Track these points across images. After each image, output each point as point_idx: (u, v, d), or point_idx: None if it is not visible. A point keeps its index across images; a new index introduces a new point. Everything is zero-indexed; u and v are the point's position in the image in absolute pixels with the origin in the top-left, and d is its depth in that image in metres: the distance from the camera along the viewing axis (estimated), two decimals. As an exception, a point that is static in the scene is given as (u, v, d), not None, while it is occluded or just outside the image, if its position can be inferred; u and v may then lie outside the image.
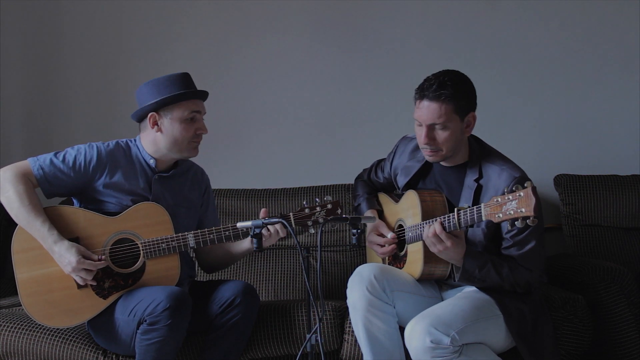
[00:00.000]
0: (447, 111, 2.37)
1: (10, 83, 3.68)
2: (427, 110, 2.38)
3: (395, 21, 3.65)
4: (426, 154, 2.46)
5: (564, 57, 3.61)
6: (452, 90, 2.36)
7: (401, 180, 2.67)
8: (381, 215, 2.75)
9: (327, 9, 3.68)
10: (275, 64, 3.69)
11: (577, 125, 3.61)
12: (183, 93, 2.51)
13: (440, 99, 2.36)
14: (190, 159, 2.74)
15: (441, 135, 2.40)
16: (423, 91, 2.39)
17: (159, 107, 2.52)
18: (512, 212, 2.05)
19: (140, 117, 2.58)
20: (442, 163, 2.54)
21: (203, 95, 2.59)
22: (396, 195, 2.72)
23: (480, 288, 2.40)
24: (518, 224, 2.04)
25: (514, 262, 2.38)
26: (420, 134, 2.42)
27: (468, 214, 2.21)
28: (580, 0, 3.60)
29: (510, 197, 2.06)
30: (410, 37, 3.65)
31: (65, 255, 2.40)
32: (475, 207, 2.19)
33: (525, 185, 2.03)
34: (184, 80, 2.55)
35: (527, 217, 2.01)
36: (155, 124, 2.54)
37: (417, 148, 2.65)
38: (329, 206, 2.53)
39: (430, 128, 2.39)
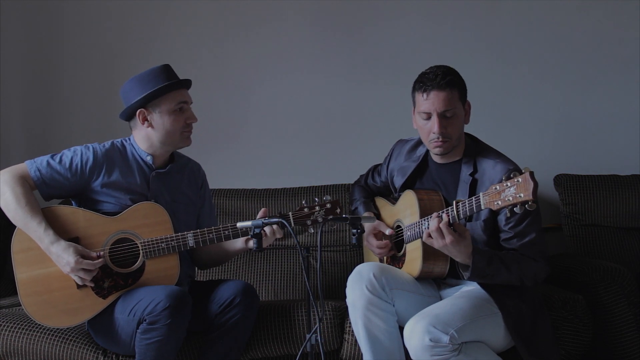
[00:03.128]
0: (454, 98, 2.44)
1: (10, 84, 3.69)
2: (438, 99, 2.42)
3: (395, 22, 3.65)
4: (436, 145, 2.47)
5: (564, 56, 3.61)
6: (454, 79, 2.44)
7: (398, 181, 2.68)
8: (378, 218, 2.75)
9: (327, 8, 3.68)
10: (275, 63, 3.70)
11: (577, 125, 3.61)
12: (168, 85, 2.51)
13: (449, 86, 2.42)
14: (188, 155, 2.76)
15: (451, 122, 2.44)
16: (428, 82, 2.44)
17: (146, 102, 2.52)
18: (510, 198, 2.05)
19: (129, 115, 2.58)
20: (438, 160, 2.56)
21: (187, 84, 2.59)
22: (393, 198, 2.73)
23: (483, 285, 2.40)
24: (517, 209, 2.04)
25: (518, 254, 2.38)
26: (431, 126, 2.44)
27: (467, 205, 2.21)
28: (580, 0, 3.60)
29: (509, 183, 2.06)
30: (411, 36, 3.65)
31: (62, 256, 2.40)
32: (473, 197, 2.20)
33: (523, 170, 2.04)
34: (166, 71, 2.55)
35: (526, 202, 2.02)
36: (145, 119, 2.54)
37: (413, 149, 2.68)
38: (328, 205, 2.53)
39: (442, 116, 2.43)
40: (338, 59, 3.68)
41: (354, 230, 2.30)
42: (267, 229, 2.44)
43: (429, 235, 2.27)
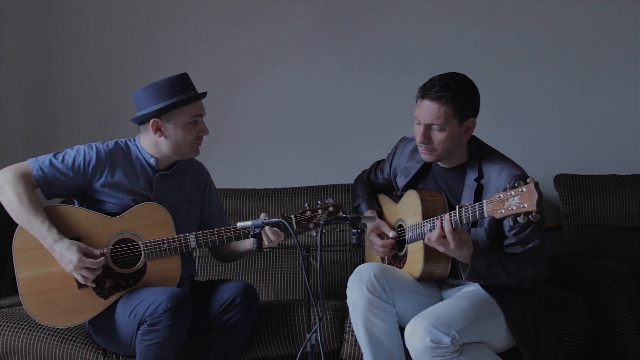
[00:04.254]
0: (446, 113, 2.38)
1: (10, 83, 3.68)
2: (427, 110, 2.40)
3: (395, 22, 3.65)
4: (421, 152, 2.48)
5: (564, 57, 3.61)
6: (454, 93, 2.37)
7: (401, 181, 2.67)
8: (381, 215, 2.76)
9: (328, 8, 3.68)
10: (276, 63, 3.70)
11: (577, 125, 3.61)
12: (186, 99, 2.50)
13: (441, 100, 2.37)
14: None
15: (438, 136, 2.41)
16: (425, 90, 2.41)
17: (161, 113, 2.50)
18: (514, 207, 2.05)
19: (141, 122, 2.57)
20: (440, 164, 2.55)
21: (203, 96, 2.58)
22: (396, 196, 2.73)
23: (484, 286, 2.40)
24: (520, 219, 2.04)
25: (519, 258, 2.39)
26: (418, 133, 2.44)
27: (470, 211, 2.21)
28: (580, 0, 3.60)
29: (513, 192, 2.06)
30: (410, 37, 3.65)
31: (66, 254, 2.40)
32: (477, 203, 2.20)
33: (528, 180, 2.04)
34: (184, 82, 2.53)
35: (530, 213, 2.02)
36: (158, 129, 2.53)
37: (416, 149, 2.66)
38: (331, 208, 2.52)
39: (428, 128, 2.41)
40: (339, 58, 3.68)
41: (354, 230, 2.30)
42: (270, 234, 2.44)
43: (431, 240, 2.28)
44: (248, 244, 2.60)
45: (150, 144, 2.58)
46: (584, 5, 3.60)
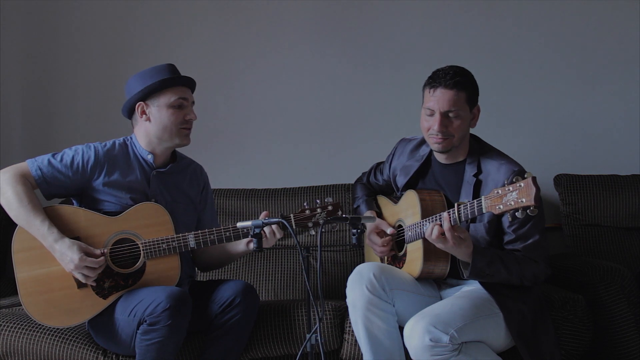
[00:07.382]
0: (460, 99, 2.42)
1: (10, 83, 3.69)
2: (443, 97, 2.42)
3: (396, 21, 3.66)
4: (436, 141, 2.46)
5: (564, 56, 3.61)
6: (464, 80, 2.43)
7: (401, 181, 2.68)
8: (380, 216, 2.76)
9: (328, 9, 3.68)
10: (276, 63, 3.70)
11: (577, 125, 3.61)
12: (169, 78, 2.52)
13: (456, 87, 2.41)
14: (189, 154, 2.76)
15: (454, 123, 2.43)
16: (437, 79, 2.43)
17: (146, 95, 2.53)
18: (512, 202, 2.05)
19: (130, 111, 2.59)
20: (441, 160, 2.56)
21: (189, 83, 2.60)
22: (395, 197, 2.73)
23: (484, 284, 2.40)
24: (519, 214, 2.05)
25: (519, 255, 2.39)
26: (433, 123, 2.44)
27: (468, 207, 2.21)
28: (580, 0, 3.60)
29: (511, 188, 2.07)
30: (411, 37, 3.65)
31: (66, 254, 2.40)
32: (475, 200, 2.20)
33: (525, 175, 2.04)
34: (169, 69, 2.57)
35: (528, 207, 2.02)
36: (143, 112, 2.55)
37: (416, 148, 2.67)
38: (330, 207, 2.53)
39: (444, 116, 2.43)
40: (338, 58, 3.68)
41: (354, 230, 2.31)
42: (267, 231, 2.44)
43: (430, 237, 2.28)
44: (241, 246, 2.59)
45: (142, 135, 2.59)
46: (584, 5, 3.61)
